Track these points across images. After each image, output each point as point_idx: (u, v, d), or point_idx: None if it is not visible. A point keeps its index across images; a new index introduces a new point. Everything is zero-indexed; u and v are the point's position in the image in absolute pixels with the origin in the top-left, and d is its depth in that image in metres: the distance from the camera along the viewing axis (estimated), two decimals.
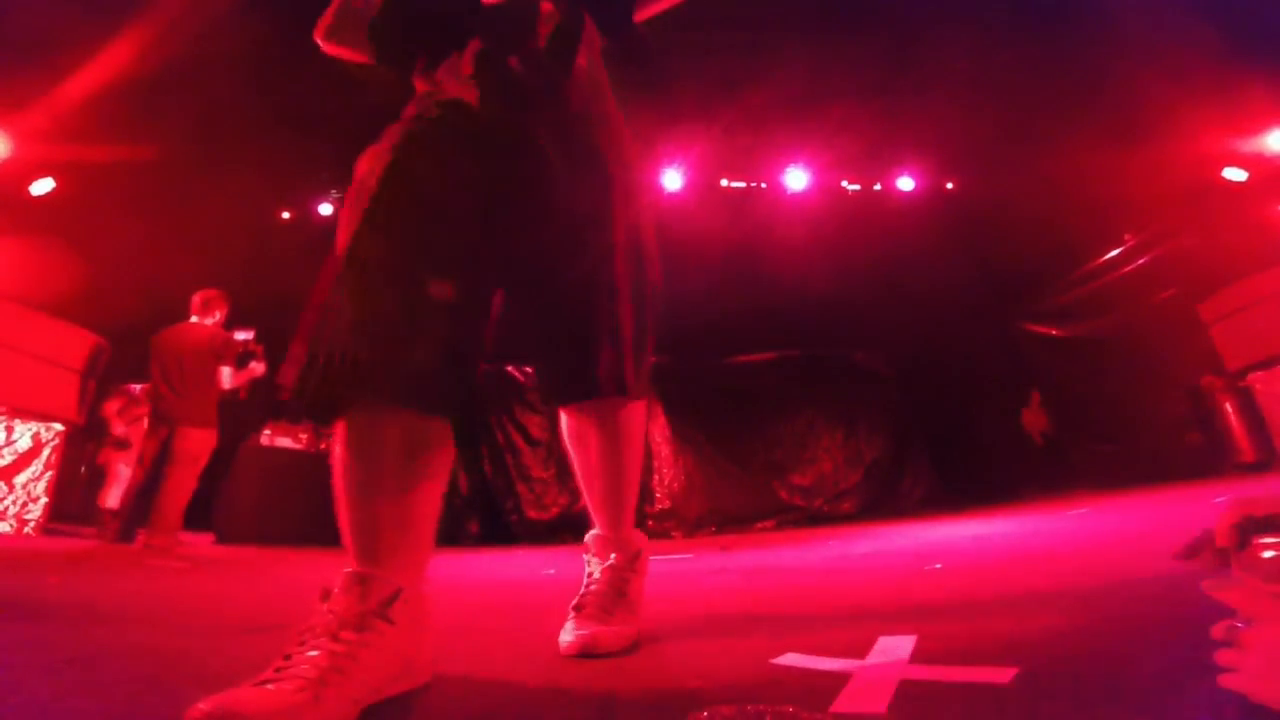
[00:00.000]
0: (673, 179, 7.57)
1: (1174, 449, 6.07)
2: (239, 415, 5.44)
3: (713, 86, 6.14)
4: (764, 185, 7.60)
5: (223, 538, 5.02)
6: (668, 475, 7.13)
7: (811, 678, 0.96)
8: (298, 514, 5.18)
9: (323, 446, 5.75)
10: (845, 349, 8.01)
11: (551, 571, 3.33)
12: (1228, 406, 5.55)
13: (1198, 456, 5.71)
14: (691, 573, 2.98)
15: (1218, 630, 0.61)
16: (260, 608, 2.14)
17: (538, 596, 2.45)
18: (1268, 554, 0.59)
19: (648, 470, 7.16)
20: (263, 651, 1.35)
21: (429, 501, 1.06)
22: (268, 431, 5.50)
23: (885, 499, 7.23)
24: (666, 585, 2.52)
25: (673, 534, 6.61)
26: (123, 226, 5.76)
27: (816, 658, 1.05)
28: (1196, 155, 5.45)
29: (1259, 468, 5.13)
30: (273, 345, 6.78)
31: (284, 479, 5.32)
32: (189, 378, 4.25)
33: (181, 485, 4.13)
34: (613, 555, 1.36)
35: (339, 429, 1.02)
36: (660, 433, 7.30)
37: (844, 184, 7.62)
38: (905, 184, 7.69)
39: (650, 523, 6.86)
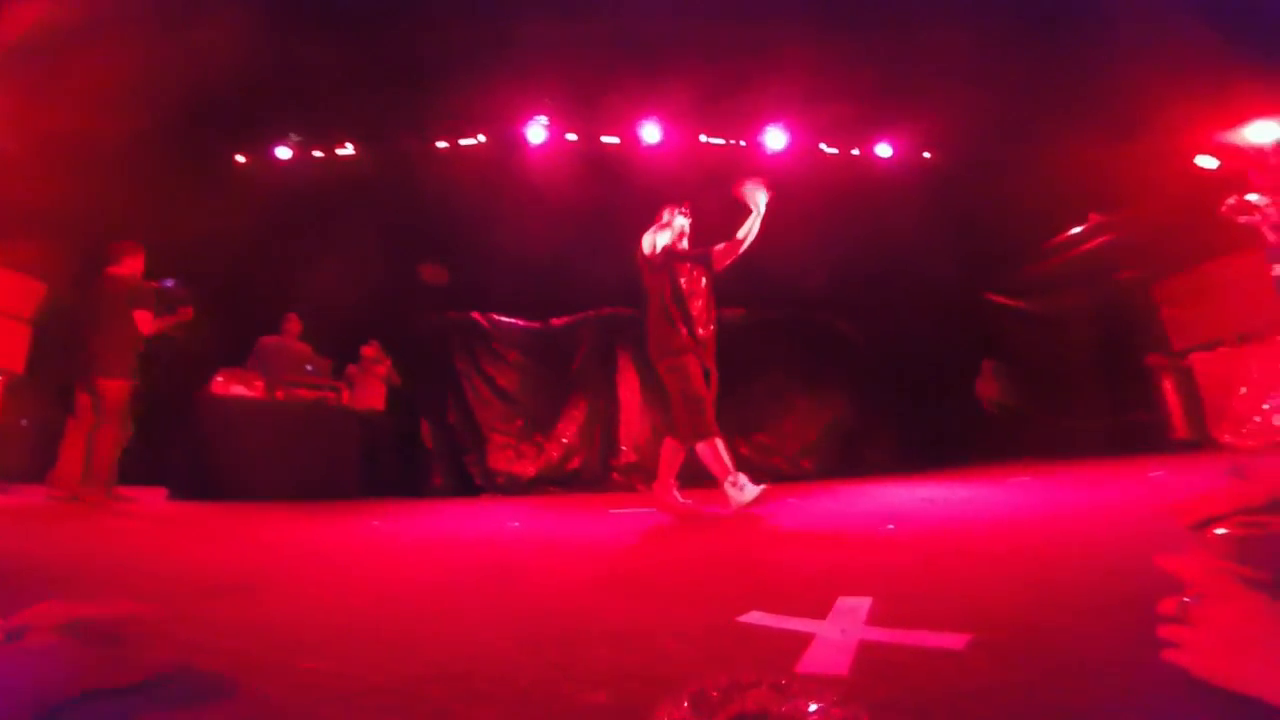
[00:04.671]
0: (652, 133, 7.40)
1: (1116, 423, 6.39)
2: (193, 364, 5.28)
3: (698, 44, 5.99)
4: (743, 144, 7.50)
5: (176, 493, 4.86)
6: (634, 428, 7.20)
7: (776, 636, 1.00)
8: (254, 467, 5.05)
9: (278, 395, 5.59)
10: (814, 310, 8.09)
11: (516, 525, 3.37)
12: (1168, 385, 5.84)
13: (1137, 431, 6.03)
14: (658, 527, 3.05)
15: (1167, 605, 0.62)
16: (222, 568, 2.09)
17: (507, 553, 2.48)
18: (1221, 530, 0.61)
19: (614, 422, 7.22)
20: (229, 615, 1.34)
21: None
22: (220, 379, 5.28)
23: (844, 459, 7.46)
24: (638, 539, 2.58)
25: (638, 487, 6.72)
26: (69, 171, 5.37)
27: (780, 616, 1.09)
28: (1170, 141, 5.55)
29: (1191, 446, 5.45)
30: (232, 287, 6.55)
31: (239, 430, 5.13)
32: (104, 327, 4.27)
33: (108, 437, 4.17)
34: None
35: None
36: (628, 386, 7.33)
37: (822, 147, 7.57)
38: (884, 151, 7.69)
39: (615, 475, 6.97)
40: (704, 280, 3.64)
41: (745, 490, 3.12)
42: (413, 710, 0.79)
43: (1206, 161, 5.67)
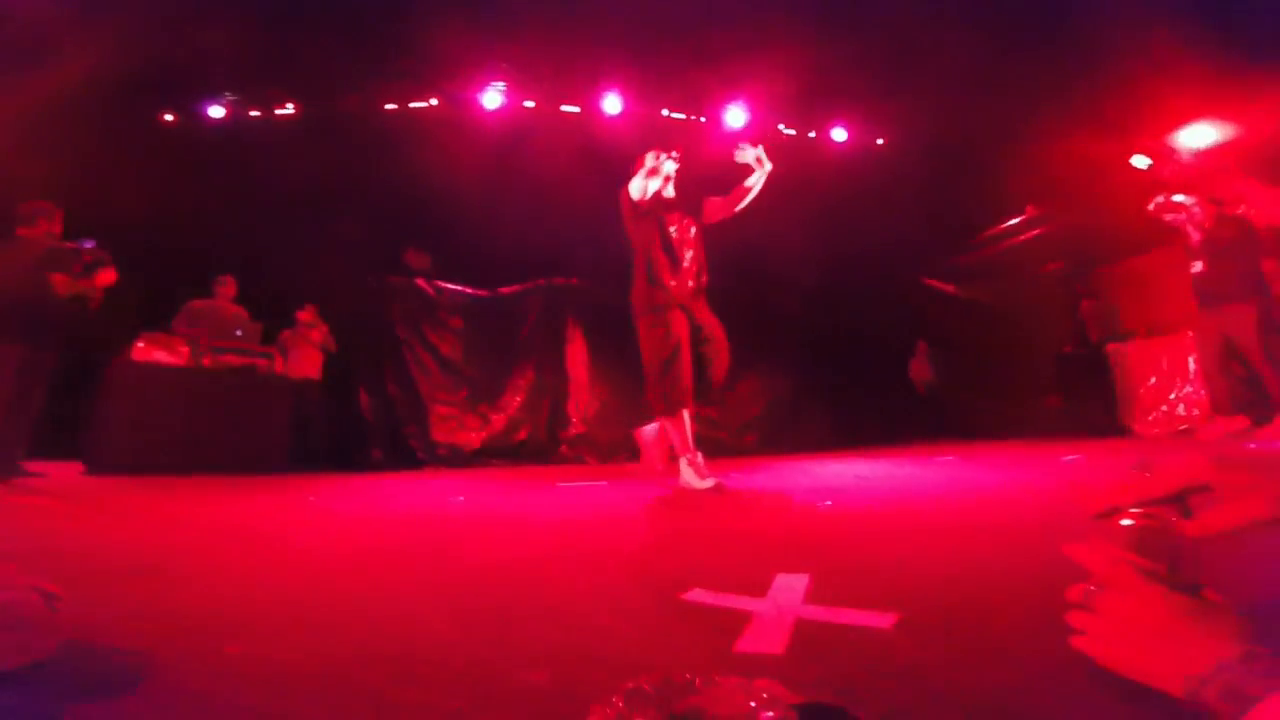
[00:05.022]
0: (613, 104, 7.26)
1: (1035, 409, 6.81)
2: (113, 329, 4.94)
3: (663, 17, 5.90)
4: (704, 119, 7.47)
5: (94, 467, 4.56)
6: (583, 400, 7.18)
7: (716, 614, 1.02)
8: (178, 437, 4.78)
9: (205, 362, 5.28)
10: (761, 288, 8.21)
11: (460, 499, 3.32)
12: (1085, 374, 6.25)
13: (1054, 417, 6.44)
14: (607, 501, 3.07)
15: (1073, 593, 0.64)
16: (139, 547, 1.97)
17: (446, 528, 2.44)
18: (1125, 522, 0.64)
19: (563, 394, 7.17)
20: (145, 597, 1.26)
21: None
22: (141, 344, 4.94)
23: (786, 434, 7.67)
24: (584, 514, 2.59)
25: (586, 459, 6.73)
26: None
27: (720, 594, 1.12)
28: (1107, 141, 5.83)
29: (1103, 431, 5.86)
30: (159, 248, 6.12)
31: (162, 399, 4.83)
32: (17, 293, 3.99)
33: (19, 407, 3.94)
34: None
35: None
36: (578, 357, 7.28)
37: (781, 128, 7.62)
38: (839, 135, 7.82)
39: (564, 448, 6.95)
40: (693, 230, 3.46)
41: (701, 479, 3.09)
42: (340, 693, 0.77)
43: (1140, 162, 5.99)
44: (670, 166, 3.38)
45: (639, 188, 3.30)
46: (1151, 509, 0.64)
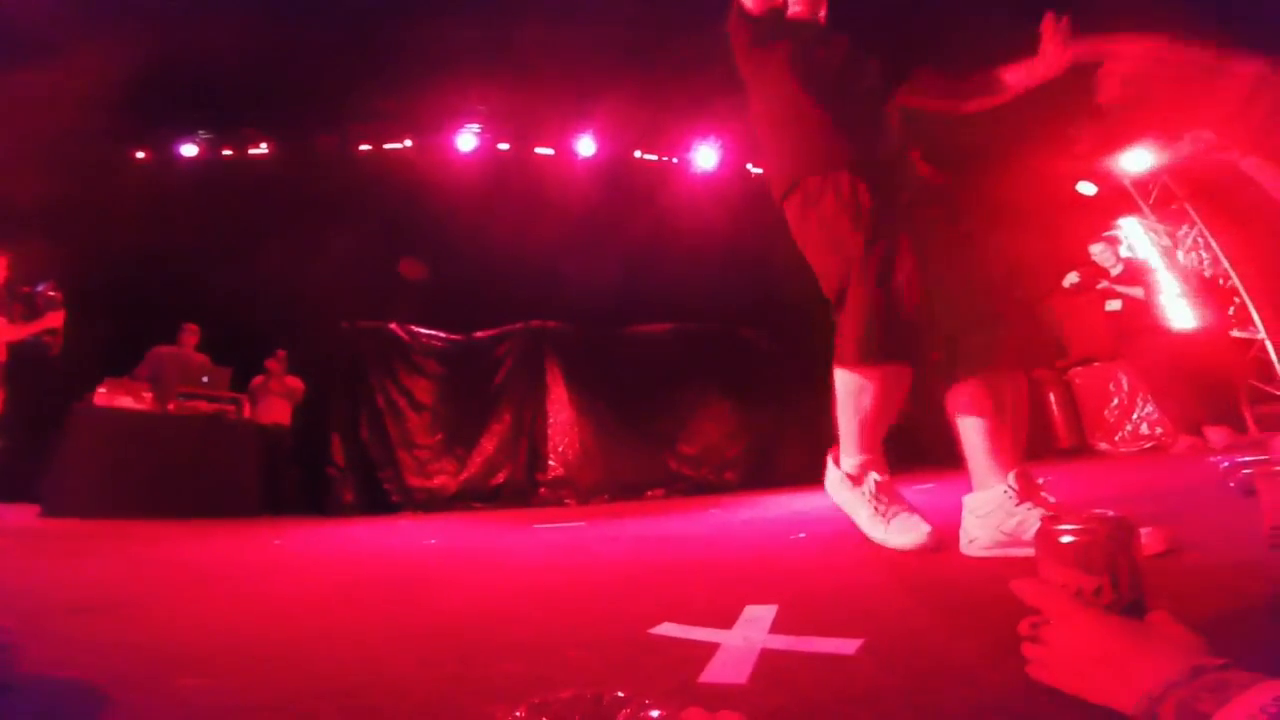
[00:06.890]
0: (587, 146, 7.44)
1: None
2: (76, 373, 4.83)
3: (633, 60, 6.08)
4: (675, 160, 7.67)
5: (50, 510, 4.42)
6: (562, 443, 7.13)
7: (684, 647, 1.01)
8: (139, 482, 4.66)
9: (170, 408, 5.17)
10: (734, 324, 8.31)
11: (433, 541, 3.25)
12: (1052, 398, 6.40)
13: (1031, 440, 6.57)
14: (583, 541, 3.03)
15: (1023, 626, 0.67)
16: (90, 586, 1.91)
17: (414, 569, 2.38)
18: (1065, 539, 0.66)
19: (542, 436, 7.11)
20: (100, 632, 1.22)
21: None
22: (103, 390, 4.85)
23: (764, 469, 7.67)
24: (559, 554, 2.55)
25: (566, 501, 6.65)
26: None
27: (690, 627, 1.11)
28: (1056, 168, 6.06)
29: (1072, 452, 5.98)
30: (137, 293, 6.03)
31: (123, 444, 4.73)
32: None
33: None
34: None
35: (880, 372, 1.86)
36: (557, 400, 7.26)
37: (749, 167, 7.86)
38: None
39: (543, 490, 6.85)
40: (868, 80, 1.98)
41: (903, 526, 1.80)
42: None
43: (1086, 188, 6.23)
44: None
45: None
46: (1090, 525, 0.66)
